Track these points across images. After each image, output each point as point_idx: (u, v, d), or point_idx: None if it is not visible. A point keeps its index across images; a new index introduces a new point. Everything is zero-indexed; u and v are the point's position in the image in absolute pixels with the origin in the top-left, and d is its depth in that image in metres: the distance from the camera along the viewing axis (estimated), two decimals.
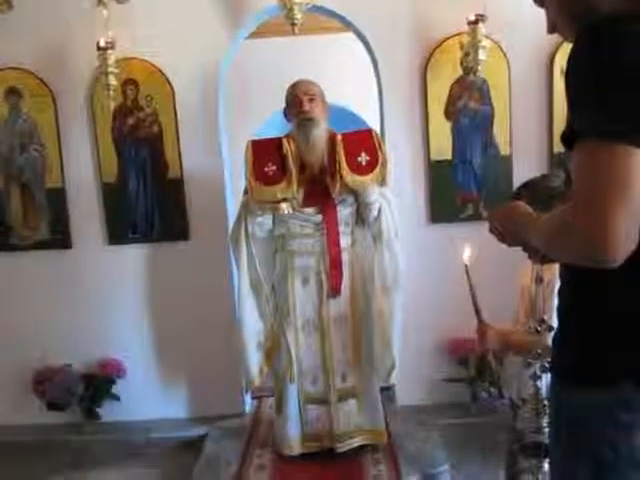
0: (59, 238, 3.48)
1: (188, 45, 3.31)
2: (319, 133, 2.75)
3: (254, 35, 3.79)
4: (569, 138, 1.06)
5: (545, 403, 1.63)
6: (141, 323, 3.55)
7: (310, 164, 2.80)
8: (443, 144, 3.38)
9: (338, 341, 2.85)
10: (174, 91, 3.35)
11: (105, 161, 3.41)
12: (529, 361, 1.69)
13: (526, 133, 3.36)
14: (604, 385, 1.12)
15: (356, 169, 2.73)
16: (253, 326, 2.94)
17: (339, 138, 2.75)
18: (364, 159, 2.75)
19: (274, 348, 2.94)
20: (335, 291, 2.82)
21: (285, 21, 3.17)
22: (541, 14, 1.24)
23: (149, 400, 3.55)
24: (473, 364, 3.33)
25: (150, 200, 3.43)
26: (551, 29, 1.22)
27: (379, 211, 2.81)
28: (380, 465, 2.85)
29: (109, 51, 3.09)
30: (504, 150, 3.38)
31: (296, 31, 3.14)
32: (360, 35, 3.41)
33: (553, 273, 1.59)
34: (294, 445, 2.89)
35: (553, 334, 1.30)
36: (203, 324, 3.43)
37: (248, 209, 2.82)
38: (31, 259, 3.50)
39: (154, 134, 3.39)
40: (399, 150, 3.35)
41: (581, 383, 1.15)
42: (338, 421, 2.85)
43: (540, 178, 1.95)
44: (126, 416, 3.52)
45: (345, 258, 2.84)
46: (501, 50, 3.28)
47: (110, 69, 3.12)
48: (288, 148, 2.75)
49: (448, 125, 3.37)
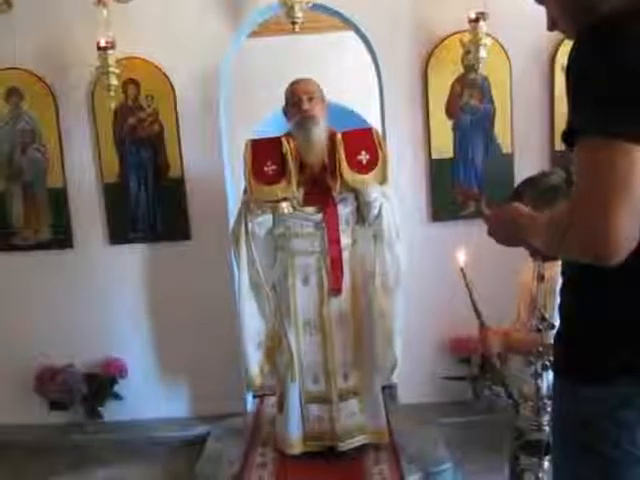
0: (60, 238, 3.48)
1: (189, 44, 3.31)
2: (319, 132, 2.73)
3: (254, 34, 3.79)
4: (570, 137, 1.06)
5: (546, 401, 1.64)
6: (143, 322, 3.55)
7: (310, 163, 2.78)
8: (444, 142, 3.38)
9: (339, 340, 2.84)
10: (175, 90, 3.35)
11: (106, 161, 3.41)
12: (530, 359, 1.69)
13: (527, 131, 3.36)
14: (606, 383, 1.12)
15: (356, 168, 2.72)
16: (253, 325, 2.93)
17: (339, 137, 2.74)
18: (364, 158, 2.73)
19: (275, 347, 2.94)
20: (336, 290, 2.81)
21: (285, 20, 3.17)
22: (542, 11, 1.24)
23: (151, 399, 3.55)
24: (476, 363, 3.32)
25: (151, 200, 3.44)
26: (551, 26, 1.22)
27: (380, 210, 2.79)
28: (382, 464, 2.85)
29: (109, 51, 3.09)
30: (505, 148, 3.37)
31: (297, 30, 3.14)
32: (360, 33, 3.41)
33: (554, 271, 1.58)
34: (295, 444, 2.89)
35: (555, 332, 1.30)
36: (205, 323, 3.44)
37: (248, 208, 2.81)
38: (32, 259, 3.50)
39: (155, 134, 3.38)
40: (400, 148, 3.35)
41: (583, 381, 1.15)
42: (339, 420, 2.85)
43: (540, 175, 1.95)
44: (128, 415, 3.53)
45: (346, 257, 2.83)
46: (502, 48, 3.27)
47: (111, 69, 3.12)
48: (288, 147, 2.74)
49: (449, 123, 3.36)
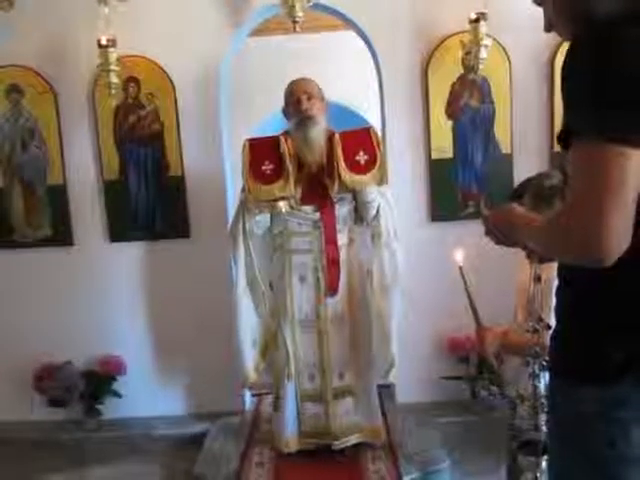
0: (60, 235, 3.49)
1: (189, 43, 3.31)
2: (318, 131, 2.73)
3: (254, 34, 3.79)
4: (565, 138, 1.07)
5: (543, 401, 1.64)
6: (142, 320, 3.55)
7: (308, 162, 2.78)
8: (444, 142, 3.38)
9: (335, 339, 2.84)
10: (175, 89, 3.35)
11: (106, 158, 3.42)
12: (528, 360, 1.69)
13: (527, 131, 3.36)
14: (602, 383, 1.12)
15: (354, 168, 2.71)
16: (249, 323, 2.94)
17: (337, 137, 2.74)
18: (362, 158, 2.73)
19: (271, 346, 2.95)
20: (332, 289, 2.82)
21: (285, 19, 3.17)
22: (541, 13, 1.24)
23: (150, 397, 3.56)
24: (474, 362, 3.33)
25: (151, 198, 3.44)
26: (548, 27, 1.23)
27: (378, 210, 2.80)
28: (379, 463, 2.85)
29: (110, 49, 3.09)
30: (505, 148, 3.38)
31: (297, 29, 3.14)
32: (361, 33, 3.41)
33: (551, 272, 1.59)
34: (291, 442, 2.90)
35: (551, 333, 1.31)
36: (204, 321, 3.44)
37: (246, 207, 2.81)
38: (33, 256, 3.50)
39: (155, 132, 3.39)
40: (400, 148, 3.36)
41: (579, 381, 1.16)
42: (334, 419, 2.86)
43: (538, 176, 1.95)
44: (127, 413, 3.53)
45: (343, 256, 2.83)
46: (502, 48, 3.27)
47: (111, 67, 3.12)
48: (285, 146, 2.74)
49: (449, 123, 3.36)
